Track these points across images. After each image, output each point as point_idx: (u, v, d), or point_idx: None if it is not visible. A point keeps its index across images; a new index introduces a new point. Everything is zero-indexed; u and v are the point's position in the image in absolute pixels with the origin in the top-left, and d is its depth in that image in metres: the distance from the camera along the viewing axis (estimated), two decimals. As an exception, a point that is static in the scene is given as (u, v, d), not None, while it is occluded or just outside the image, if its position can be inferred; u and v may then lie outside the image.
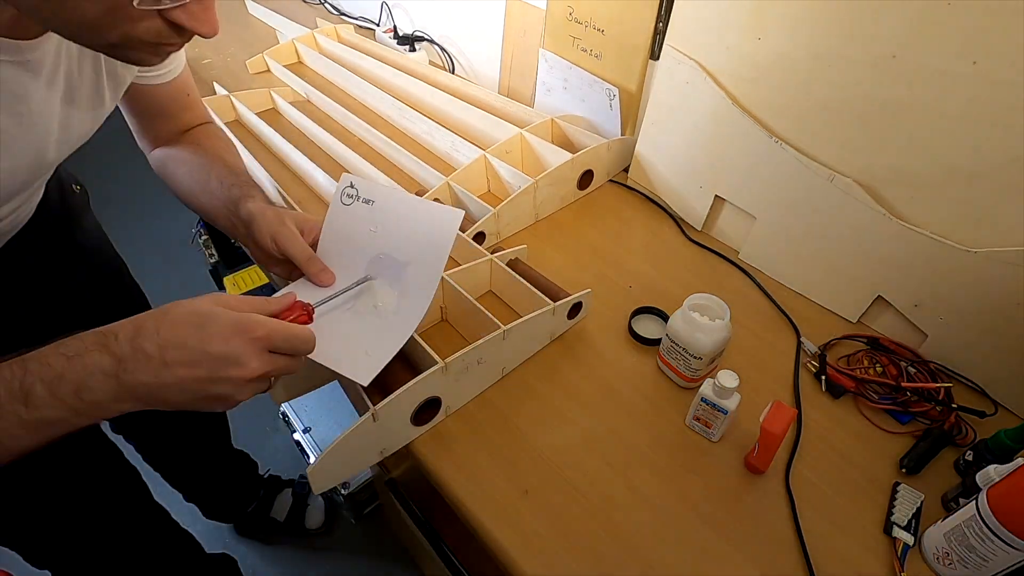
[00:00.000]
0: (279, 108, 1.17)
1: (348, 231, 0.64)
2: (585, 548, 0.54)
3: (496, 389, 0.67)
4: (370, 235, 0.64)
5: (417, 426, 0.61)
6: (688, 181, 0.90)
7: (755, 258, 0.84)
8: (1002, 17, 0.53)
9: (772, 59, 0.72)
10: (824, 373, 0.68)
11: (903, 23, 0.59)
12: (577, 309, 0.72)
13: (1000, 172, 0.58)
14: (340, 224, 0.65)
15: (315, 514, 1.25)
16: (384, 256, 0.63)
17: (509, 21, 1.12)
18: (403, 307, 0.61)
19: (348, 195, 0.65)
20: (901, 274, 0.69)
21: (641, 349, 0.72)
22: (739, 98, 0.77)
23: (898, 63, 0.61)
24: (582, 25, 0.97)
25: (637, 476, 0.59)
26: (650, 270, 0.84)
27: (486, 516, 0.56)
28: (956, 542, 0.50)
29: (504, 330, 0.62)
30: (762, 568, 0.53)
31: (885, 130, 0.65)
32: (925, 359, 0.69)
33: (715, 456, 0.61)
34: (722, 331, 0.62)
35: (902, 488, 0.58)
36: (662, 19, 0.86)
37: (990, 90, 0.56)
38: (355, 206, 0.65)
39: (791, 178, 0.75)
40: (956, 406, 0.64)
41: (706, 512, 0.57)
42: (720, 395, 0.58)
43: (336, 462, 0.55)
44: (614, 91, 0.97)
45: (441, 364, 0.57)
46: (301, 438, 1.34)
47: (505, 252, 0.77)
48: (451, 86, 1.18)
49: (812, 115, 0.71)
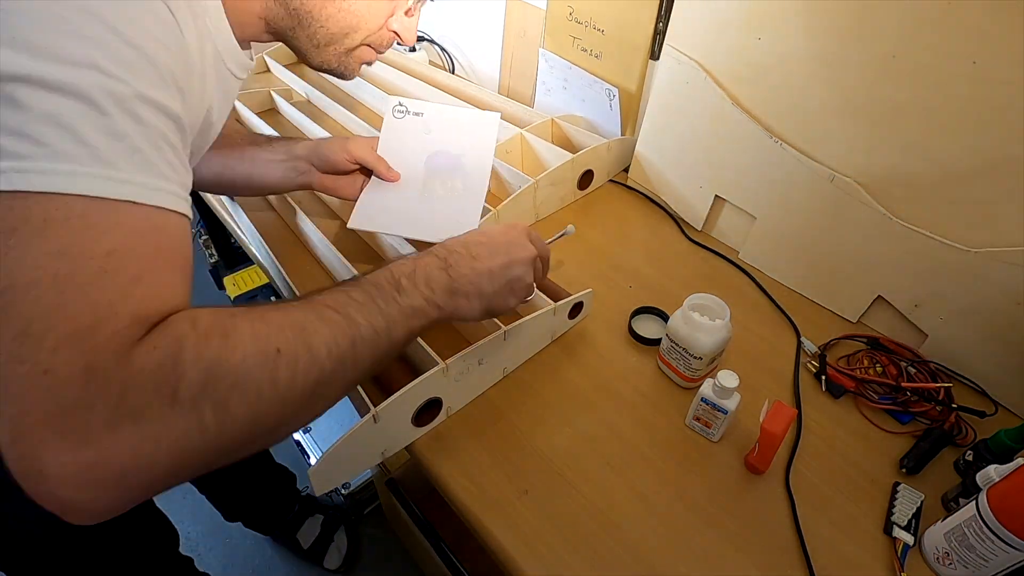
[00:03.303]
0: (279, 108, 1.17)
1: (404, 138, 0.79)
2: (585, 548, 0.54)
3: (497, 389, 0.67)
4: (424, 138, 0.79)
5: (418, 427, 0.61)
6: (688, 181, 0.90)
7: (755, 258, 0.84)
8: (1002, 17, 0.53)
9: (772, 59, 0.72)
10: (824, 373, 0.68)
11: (903, 23, 0.59)
12: (578, 309, 0.72)
13: (1000, 172, 0.58)
14: (395, 134, 0.79)
15: (335, 556, 1.25)
16: (440, 152, 0.78)
17: (509, 21, 1.12)
18: (468, 185, 0.77)
19: (399, 111, 0.79)
20: (901, 274, 0.69)
21: (641, 349, 0.72)
22: (739, 98, 0.77)
23: (898, 63, 0.61)
24: (582, 25, 0.97)
25: (637, 476, 0.59)
26: (650, 270, 0.84)
27: (486, 516, 0.56)
28: (956, 542, 0.50)
29: (505, 330, 0.62)
30: (762, 568, 0.53)
31: (885, 130, 0.65)
32: (925, 359, 0.69)
33: (715, 456, 0.61)
34: (722, 331, 0.62)
35: (902, 488, 0.58)
36: (662, 19, 0.86)
37: (990, 90, 0.56)
38: (407, 119, 0.79)
39: (791, 178, 0.75)
40: (956, 406, 0.64)
41: (706, 512, 0.57)
42: (720, 395, 0.58)
43: (337, 463, 0.55)
44: (614, 91, 0.97)
45: (442, 365, 0.57)
46: (301, 438, 1.34)
47: (505, 252, 0.77)
48: (451, 86, 1.18)
49: (812, 115, 0.71)
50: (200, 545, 1.30)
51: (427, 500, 1.00)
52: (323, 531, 1.26)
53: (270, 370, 0.35)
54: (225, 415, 0.33)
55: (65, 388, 0.29)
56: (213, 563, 1.27)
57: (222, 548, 1.30)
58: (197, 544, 1.30)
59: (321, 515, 1.27)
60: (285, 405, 0.36)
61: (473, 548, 0.88)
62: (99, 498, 0.30)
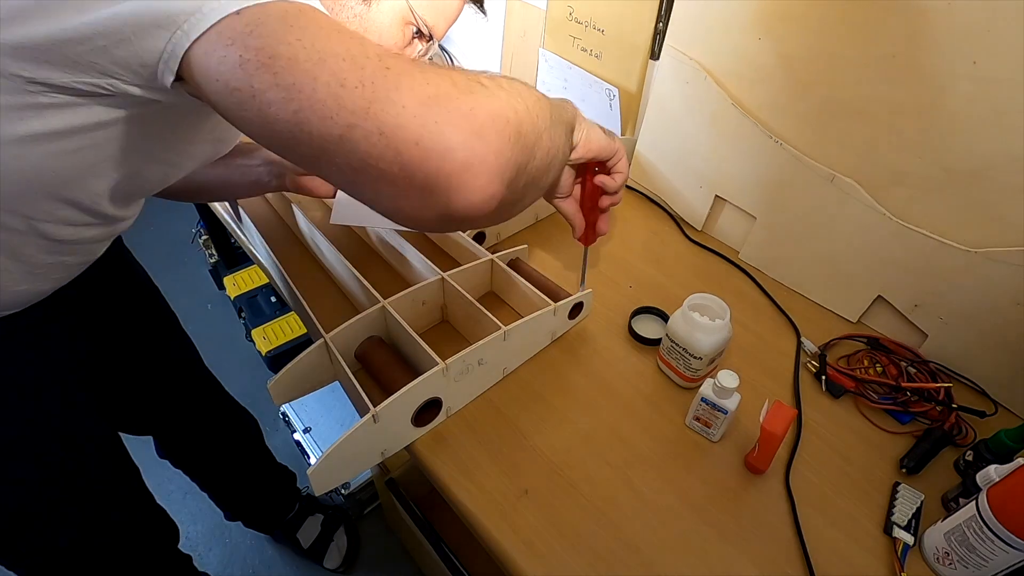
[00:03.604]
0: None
1: None
2: (585, 548, 0.54)
3: (497, 390, 0.67)
4: None
5: (418, 427, 0.61)
6: (688, 181, 0.90)
7: (755, 258, 0.84)
8: (1002, 17, 0.53)
9: (772, 59, 0.72)
10: (824, 373, 0.68)
11: (903, 23, 0.59)
12: (578, 309, 0.72)
13: (1000, 172, 0.58)
14: None
15: (335, 555, 1.25)
16: None
17: (509, 21, 1.12)
18: None
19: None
20: (901, 274, 0.69)
21: (641, 349, 0.72)
22: (739, 98, 0.77)
23: (898, 63, 0.61)
24: (582, 25, 0.97)
25: (637, 476, 0.59)
26: (650, 270, 0.84)
27: (486, 516, 0.56)
28: (956, 542, 0.50)
29: (505, 331, 0.62)
30: (762, 568, 0.53)
31: (885, 130, 0.65)
32: (925, 359, 0.69)
33: (715, 456, 0.61)
34: (722, 331, 0.63)
35: (902, 488, 0.58)
36: (662, 19, 0.86)
37: (990, 90, 0.56)
38: None
39: (791, 178, 0.75)
40: (956, 406, 0.64)
41: (706, 512, 0.57)
42: (720, 395, 0.58)
43: (337, 463, 0.55)
44: (614, 91, 0.97)
45: (442, 365, 0.57)
46: (301, 438, 1.34)
47: (506, 252, 0.77)
48: (451, 86, 1.18)
49: (812, 115, 0.71)
50: (200, 544, 1.30)
51: (427, 500, 1.00)
52: (323, 531, 1.26)
53: (512, 82, 0.40)
54: (518, 94, 0.38)
55: (411, 72, 0.34)
56: (213, 562, 1.27)
57: (222, 547, 1.30)
58: (197, 543, 1.30)
59: (321, 515, 1.27)
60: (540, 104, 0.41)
61: (473, 548, 0.89)
62: (490, 141, 0.35)
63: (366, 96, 0.32)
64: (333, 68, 0.32)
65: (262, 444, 1.15)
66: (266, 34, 0.33)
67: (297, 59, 0.32)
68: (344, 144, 0.33)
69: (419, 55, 0.63)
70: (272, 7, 0.34)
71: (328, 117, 0.32)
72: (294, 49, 0.32)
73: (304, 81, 0.32)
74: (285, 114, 0.33)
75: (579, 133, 0.52)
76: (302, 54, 0.32)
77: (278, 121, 0.33)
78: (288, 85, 0.32)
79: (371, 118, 0.32)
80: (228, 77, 0.33)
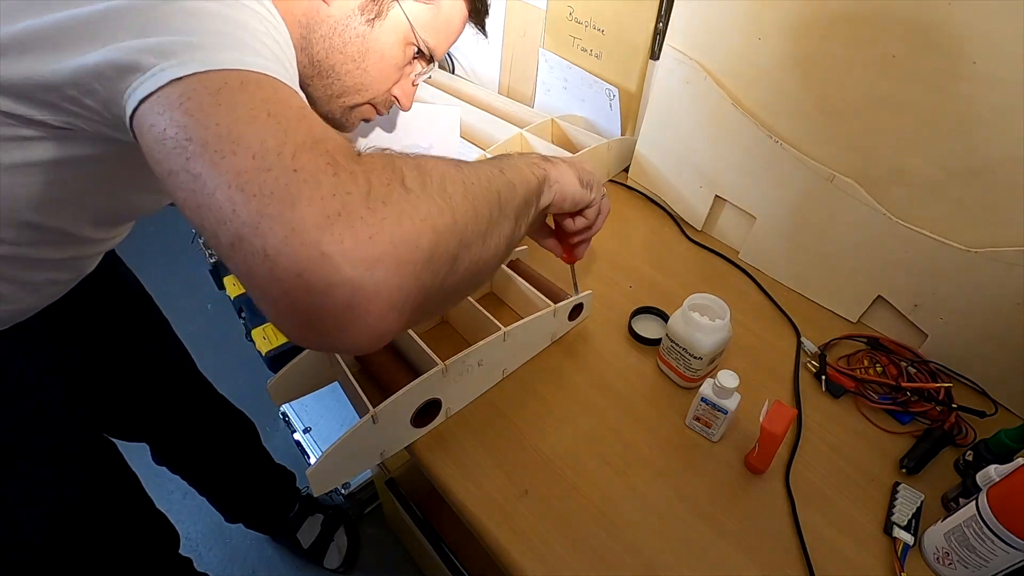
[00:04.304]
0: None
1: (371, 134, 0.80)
2: (585, 548, 0.54)
3: (496, 390, 0.67)
4: (394, 134, 0.80)
5: (417, 428, 0.61)
6: (688, 181, 0.90)
7: (755, 258, 0.84)
8: (1002, 17, 0.53)
9: (772, 59, 0.72)
10: (824, 373, 0.68)
11: (903, 23, 0.59)
12: (578, 311, 0.72)
13: (999, 172, 0.58)
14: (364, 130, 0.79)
15: (335, 555, 1.26)
16: (410, 146, 0.76)
17: (509, 21, 1.12)
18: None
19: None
20: (901, 274, 0.69)
21: (641, 349, 0.72)
22: (739, 98, 0.77)
23: (898, 63, 0.61)
24: (582, 25, 0.97)
25: (637, 476, 0.59)
26: (650, 270, 0.84)
27: (486, 516, 0.56)
28: (956, 542, 0.50)
29: (504, 332, 0.62)
30: (762, 568, 0.53)
31: (885, 130, 0.65)
32: (925, 359, 0.69)
33: (715, 456, 0.61)
34: (722, 331, 0.62)
35: (902, 488, 0.58)
36: (662, 19, 0.86)
37: (990, 90, 0.56)
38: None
39: (791, 178, 0.75)
40: (956, 406, 0.64)
41: (706, 512, 0.57)
42: (720, 395, 0.58)
43: (336, 464, 0.55)
44: (614, 91, 0.97)
45: (441, 366, 0.57)
46: (301, 438, 1.34)
47: (505, 252, 0.77)
48: (451, 86, 1.18)
49: (812, 115, 0.71)
50: (200, 544, 1.30)
51: (427, 500, 1.00)
52: (323, 531, 1.26)
53: (456, 170, 0.38)
54: (448, 199, 0.35)
55: (318, 180, 0.30)
56: (213, 562, 1.27)
57: (222, 547, 1.30)
58: (197, 543, 1.30)
59: (321, 515, 1.27)
60: (478, 202, 0.39)
61: (473, 548, 0.89)
62: (385, 276, 0.30)
63: (259, 209, 0.29)
64: (239, 167, 0.30)
65: (259, 446, 1.15)
66: (193, 110, 0.32)
67: (207, 147, 0.30)
68: (235, 253, 0.30)
69: (417, 76, 0.64)
70: (213, 77, 0.33)
71: (222, 222, 0.30)
72: (208, 135, 0.31)
73: (208, 176, 0.30)
74: (190, 205, 0.31)
75: (549, 194, 0.51)
76: (214, 143, 0.30)
77: (185, 208, 0.31)
78: (196, 175, 0.30)
79: (259, 235, 0.29)
80: (153, 148, 0.32)
